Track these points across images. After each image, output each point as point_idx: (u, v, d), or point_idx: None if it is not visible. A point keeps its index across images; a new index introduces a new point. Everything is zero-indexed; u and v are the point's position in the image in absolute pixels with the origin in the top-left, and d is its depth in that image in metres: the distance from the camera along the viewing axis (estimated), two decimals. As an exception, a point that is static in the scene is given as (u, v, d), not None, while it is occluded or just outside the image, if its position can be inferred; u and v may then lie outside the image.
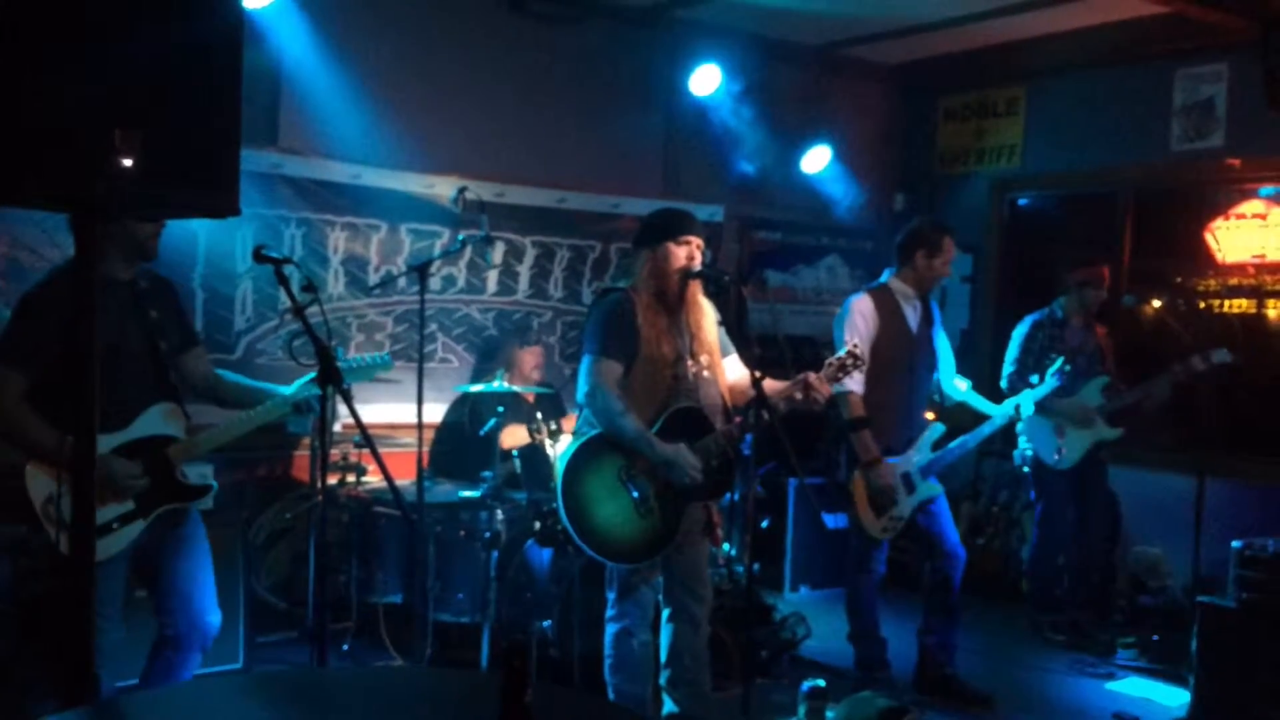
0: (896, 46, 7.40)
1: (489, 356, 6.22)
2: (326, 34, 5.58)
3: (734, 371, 4.10)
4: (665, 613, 4.08)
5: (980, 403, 5.19)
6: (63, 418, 2.94)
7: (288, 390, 3.64)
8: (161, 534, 3.47)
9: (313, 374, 3.46)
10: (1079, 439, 5.87)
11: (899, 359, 4.89)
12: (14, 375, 3.24)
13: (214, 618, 3.60)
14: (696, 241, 3.93)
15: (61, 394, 3.02)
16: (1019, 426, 5.83)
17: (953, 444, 4.95)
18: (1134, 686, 5.35)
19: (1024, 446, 5.99)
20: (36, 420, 3.22)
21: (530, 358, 5.83)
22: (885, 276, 5.03)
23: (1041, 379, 5.38)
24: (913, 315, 4.98)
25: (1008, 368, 5.96)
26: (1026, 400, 5.17)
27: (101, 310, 3.18)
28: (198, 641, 3.57)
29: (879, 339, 4.83)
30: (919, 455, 4.90)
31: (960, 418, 5.26)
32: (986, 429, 5.00)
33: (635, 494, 3.86)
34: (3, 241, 4.95)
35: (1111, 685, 5.36)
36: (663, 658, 4.07)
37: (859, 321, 4.82)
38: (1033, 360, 5.84)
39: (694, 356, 3.98)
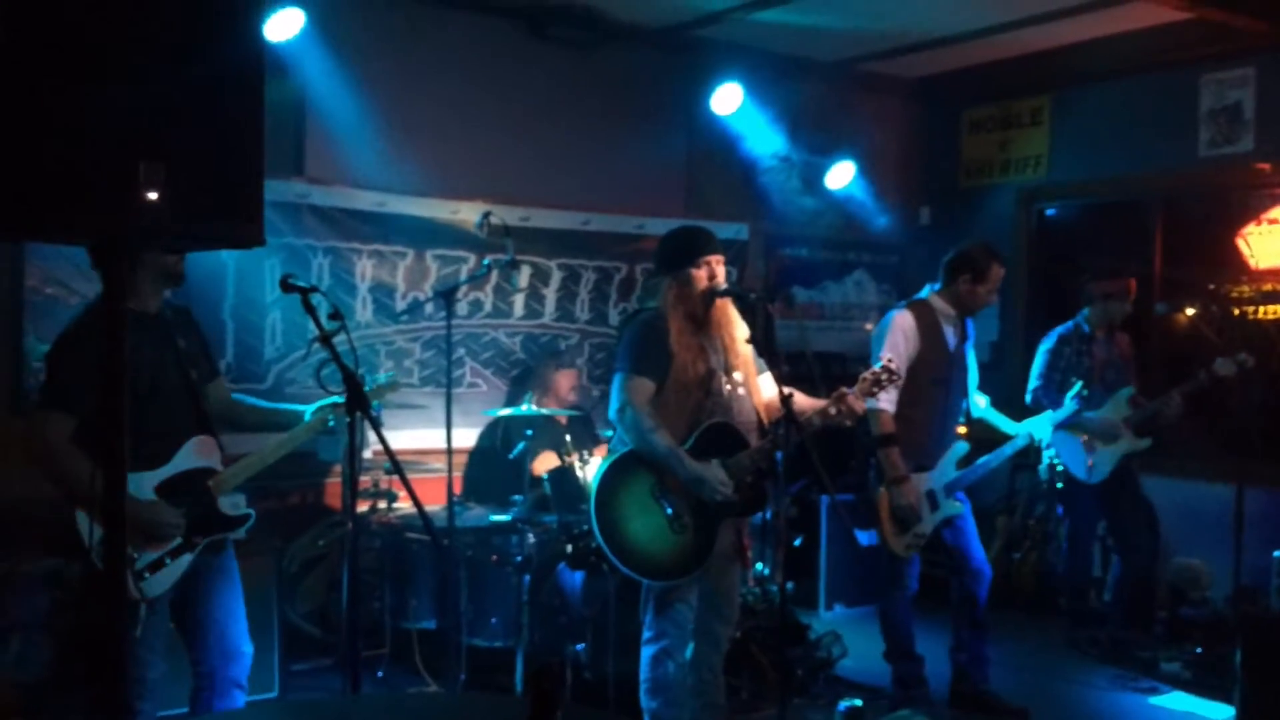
0: (918, 60, 7.39)
1: (521, 381, 6.23)
2: (350, 65, 5.64)
3: (769, 389, 4.09)
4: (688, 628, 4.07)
5: (999, 420, 5.15)
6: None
7: (306, 410, 3.65)
8: (198, 565, 3.47)
9: (336, 398, 3.48)
10: (1109, 452, 5.80)
11: (936, 377, 4.85)
12: (59, 416, 3.22)
13: (247, 648, 3.60)
14: (715, 259, 3.95)
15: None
16: (1044, 441, 5.79)
17: (976, 463, 4.91)
18: (1177, 701, 5.26)
19: (1051, 461, 5.93)
20: (85, 461, 3.12)
21: (566, 380, 5.86)
22: (926, 292, 4.99)
23: (1061, 399, 5.36)
24: (951, 334, 4.92)
25: (1033, 382, 5.89)
26: (1042, 424, 5.12)
27: (136, 347, 3.25)
28: (233, 675, 3.55)
29: (918, 356, 4.79)
30: (943, 473, 4.85)
31: (984, 433, 5.22)
32: (1007, 450, 4.96)
33: (669, 510, 3.85)
34: (34, 276, 5.02)
35: (1154, 700, 5.28)
36: None
37: (899, 338, 4.78)
38: (1059, 376, 5.79)
39: (728, 373, 3.98)
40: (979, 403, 5.12)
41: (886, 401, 4.67)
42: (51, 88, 1.71)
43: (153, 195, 1.77)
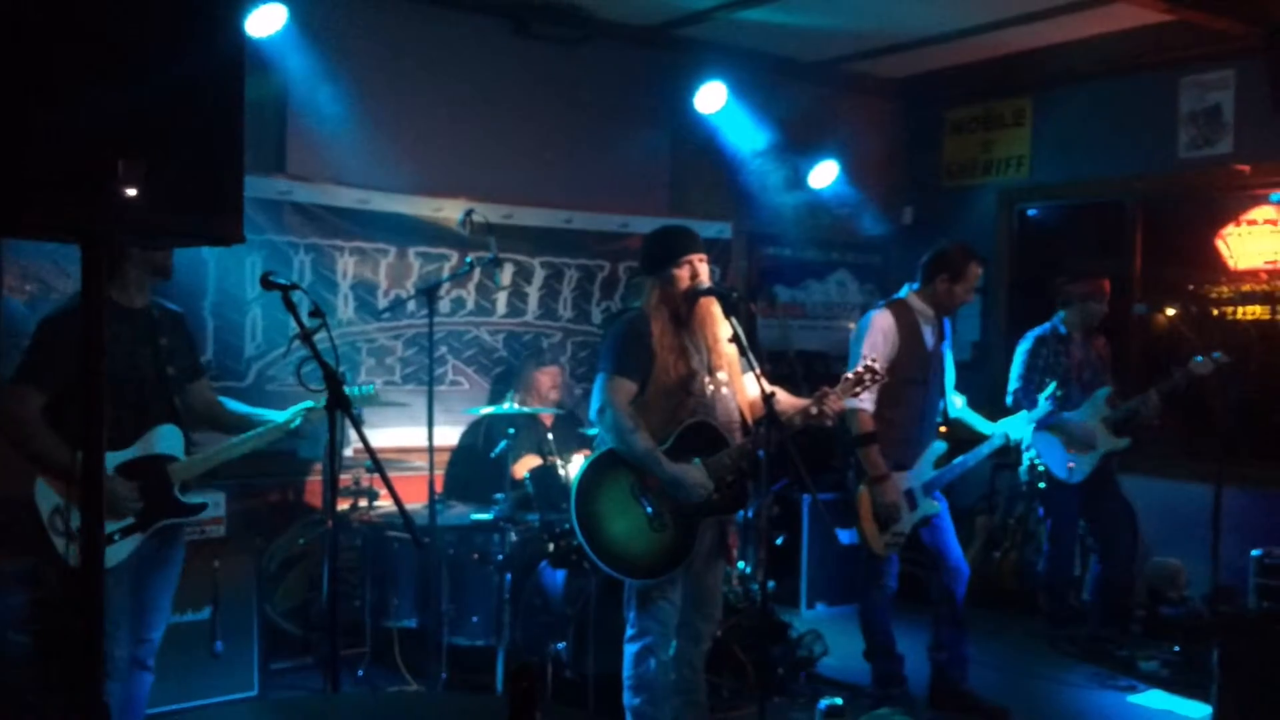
0: (901, 60, 7.41)
1: (504, 379, 6.22)
2: (332, 61, 5.61)
3: (753, 389, 4.10)
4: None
5: (975, 420, 5.17)
6: (74, 435, 3.03)
7: (280, 417, 3.74)
8: (153, 549, 3.56)
9: (308, 404, 3.68)
10: (1089, 452, 5.83)
11: (915, 376, 4.86)
12: (32, 392, 3.36)
13: (157, 634, 3.66)
14: (697, 257, 3.96)
15: (73, 412, 3.16)
16: (1024, 442, 5.82)
17: (953, 463, 4.93)
18: (1155, 699, 5.29)
19: (1032, 461, 5.95)
20: (51, 435, 3.34)
21: (547, 378, 5.82)
22: (904, 292, 5.01)
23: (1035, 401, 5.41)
24: (930, 334, 4.95)
25: (1013, 384, 5.91)
26: (1018, 424, 5.14)
27: (114, 337, 3.29)
28: (140, 656, 3.59)
29: (897, 355, 4.81)
30: (921, 473, 4.87)
31: (961, 433, 5.24)
32: (984, 449, 4.98)
33: (649, 509, 3.86)
34: (13, 274, 4.98)
35: (1132, 698, 5.31)
36: None
37: (879, 338, 4.79)
38: (1038, 377, 5.81)
39: (711, 373, 3.98)
40: (956, 402, 5.14)
41: (865, 400, 4.69)
42: (30, 84, 1.70)
43: (132, 191, 1.76)
